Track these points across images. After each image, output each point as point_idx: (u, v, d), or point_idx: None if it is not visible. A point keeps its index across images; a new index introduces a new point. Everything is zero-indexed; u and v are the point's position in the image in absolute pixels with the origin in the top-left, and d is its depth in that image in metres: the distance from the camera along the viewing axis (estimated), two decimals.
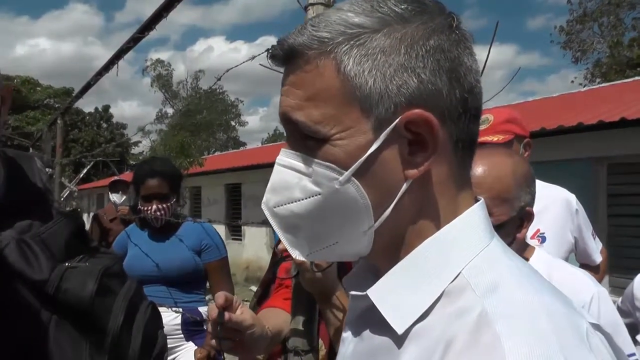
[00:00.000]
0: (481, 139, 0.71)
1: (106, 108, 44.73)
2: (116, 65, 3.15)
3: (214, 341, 1.16)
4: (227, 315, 1.11)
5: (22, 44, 79.94)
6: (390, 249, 0.68)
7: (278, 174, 0.70)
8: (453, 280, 0.63)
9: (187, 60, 67.68)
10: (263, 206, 0.73)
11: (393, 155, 0.64)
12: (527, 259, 1.54)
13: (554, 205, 2.35)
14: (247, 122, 48.36)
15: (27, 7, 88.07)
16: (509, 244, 1.36)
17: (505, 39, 71.90)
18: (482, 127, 2.29)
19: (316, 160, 0.66)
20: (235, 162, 16.86)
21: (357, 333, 0.74)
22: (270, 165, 0.72)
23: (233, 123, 46.60)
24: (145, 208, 2.90)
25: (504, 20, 63.73)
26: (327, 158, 0.65)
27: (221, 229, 14.20)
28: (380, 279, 0.67)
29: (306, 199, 0.67)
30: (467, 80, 0.65)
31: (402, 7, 0.64)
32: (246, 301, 1.77)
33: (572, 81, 25.43)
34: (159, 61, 45.02)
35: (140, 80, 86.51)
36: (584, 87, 19.01)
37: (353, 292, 0.71)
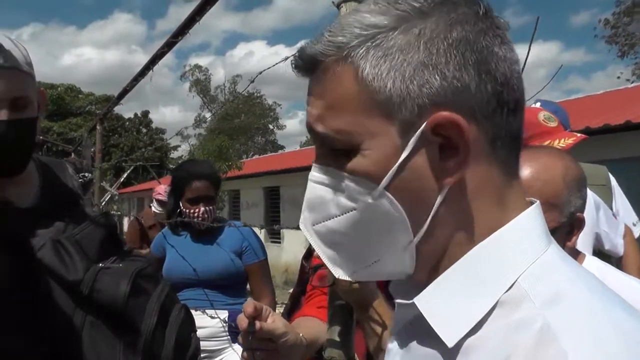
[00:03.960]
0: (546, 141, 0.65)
1: (145, 113, 45.50)
2: (151, 70, 3.16)
3: (246, 353, 1.13)
4: (257, 324, 1.08)
5: (68, 54, 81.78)
6: (434, 261, 0.64)
7: (312, 191, 0.67)
8: (508, 290, 0.58)
9: (227, 65, 68.57)
10: (301, 225, 0.70)
11: (424, 163, 0.60)
12: None
13: None
14: (285, 125, 48.77)
15: (74, 17, 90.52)
16: None
17: (549, 36, 70.43)
18: (550, 125, 2.16)
19: (346, 174, 0.62)
20: (273, 165, 16.94)
21: (403, 344, 0.69)
22: (309, 169, 0.69)
23: (271, 126, 47.05)
24: (192, 211, 2.84)
25: (548, 17, 62.58)
26: (356, 171, 0.61)
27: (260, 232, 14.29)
28: (428, 287, 0.63)
29: (342, 215, 0.64)
30: (500, 71, 0.60)
31: (421, 0, 0.60)
32: (285, 304, 1.75)
33: (619, 77, 24.84)
34: (197, 66, 45.95)
35: (181, 86, 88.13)
36: (632, 83, 18.44)
37: (399, 300, 0.67)
